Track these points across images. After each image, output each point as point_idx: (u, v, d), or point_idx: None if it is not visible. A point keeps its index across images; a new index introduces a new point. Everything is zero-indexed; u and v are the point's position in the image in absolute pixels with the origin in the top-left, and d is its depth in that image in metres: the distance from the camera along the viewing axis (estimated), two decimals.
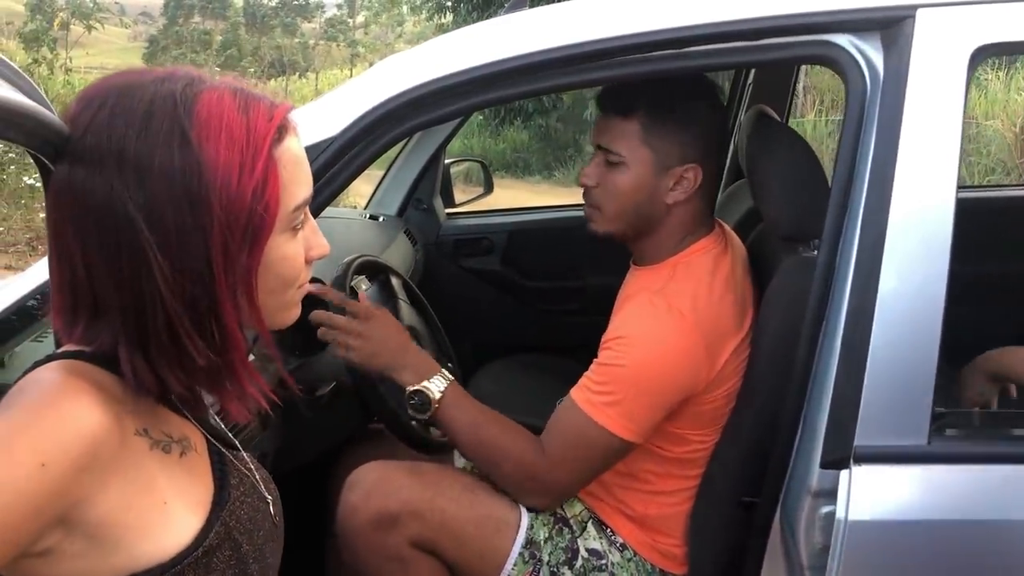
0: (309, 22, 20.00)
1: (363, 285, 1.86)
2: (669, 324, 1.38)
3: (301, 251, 0.84)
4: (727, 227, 1.58)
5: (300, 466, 1.61)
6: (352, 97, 1.36)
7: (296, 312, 0.87)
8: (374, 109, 1.32)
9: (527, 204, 3.63)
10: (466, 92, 1.33)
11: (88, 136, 0.74)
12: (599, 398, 1.38)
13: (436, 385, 1.43)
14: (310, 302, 1.63)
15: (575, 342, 1.84)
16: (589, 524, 1.54)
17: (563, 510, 1.55)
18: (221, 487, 0.85)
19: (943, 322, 1.18)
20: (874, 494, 1.17)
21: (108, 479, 0.73)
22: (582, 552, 1.50)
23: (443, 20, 12.37)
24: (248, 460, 0.94)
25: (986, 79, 7.40)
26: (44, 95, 0.84)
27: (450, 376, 1.46)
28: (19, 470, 0.67)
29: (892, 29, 1.22)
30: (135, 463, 0.76)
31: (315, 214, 1.35)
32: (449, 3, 11.38)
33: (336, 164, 1.31)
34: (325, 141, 1.31)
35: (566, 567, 1.49)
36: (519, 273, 2.72)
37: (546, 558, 1.49)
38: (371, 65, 1.52)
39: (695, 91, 1.45)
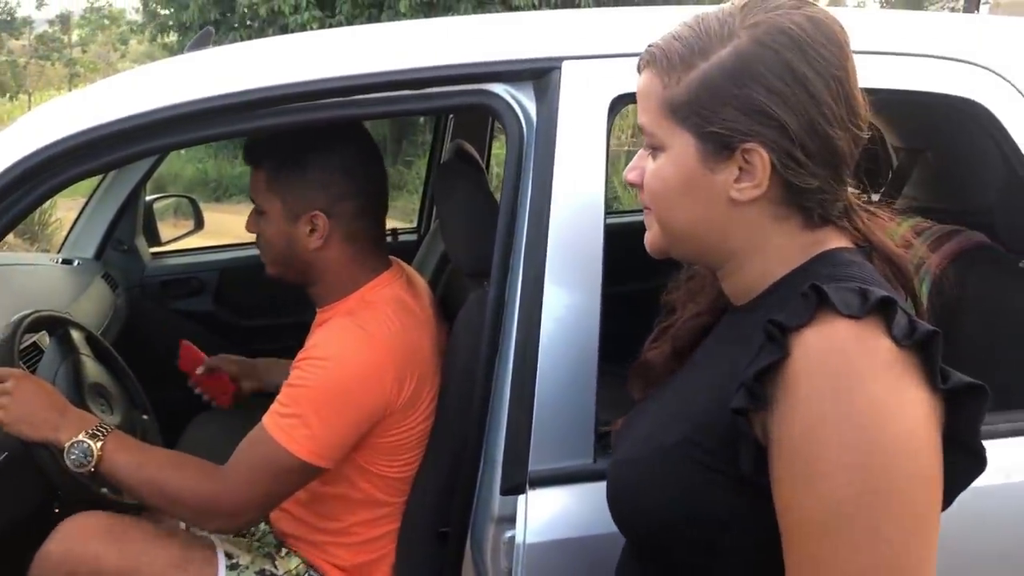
0: (17, 39, 18.25)
1: (46, 339, 1.73)
2: (359, 346, 1.40)
3: None
4: (405, 265, 1.62)
5: None
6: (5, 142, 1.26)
7: None
8: (21, 161, 1.23)
9: None
10: (131, 139, 1.28)
11: None
12: (286, 421, 1.37)
13: (96, 436, 1.37)
14: None
15: None
16: None
17: (275, 567, 1.53)
18: None
19: (600, 348, 1.28)
20: (548, 515, 1.24)
21: None
22: None
23: (168, 39, 11.79)
24: None
25: None
26: None
27: (111, 426, 1.40)
28: None
29: (543, 79, 1.31)
30: None
31: None
32: (172, 23, 10.87)
33: None
34: None
35: None
36: (233, 312, 2.63)
37: None
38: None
39: (319, 142, 1.48)
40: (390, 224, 3.57)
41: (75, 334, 1.69)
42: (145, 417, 1.75)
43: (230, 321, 2.63)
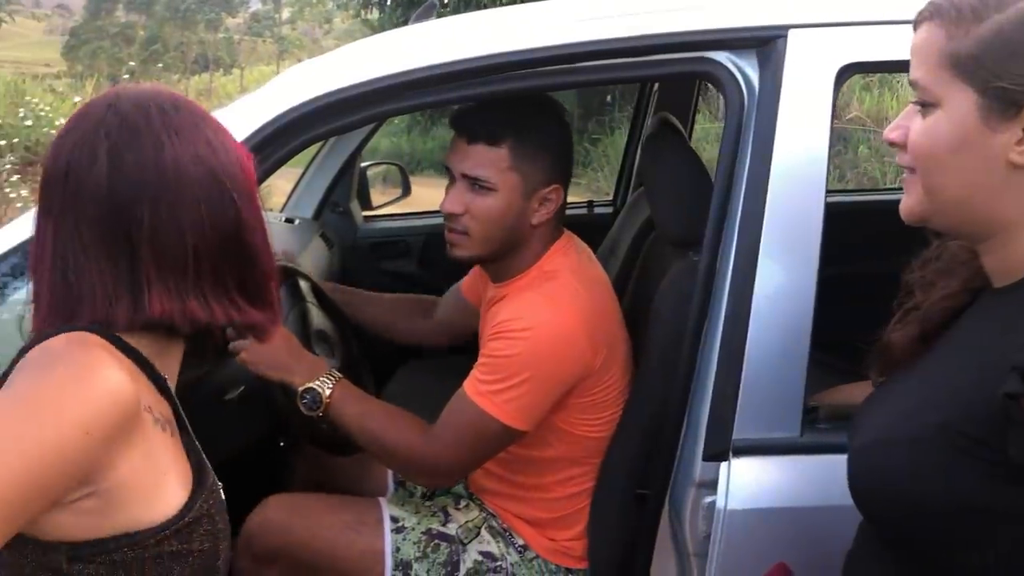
0: (233, 17, 19.63)
1: None
2: (552, 315, 1.44)
3: None
4: (571, 233, 1.64)
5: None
6: (255, 105, 1.39)
7: None
8: (278, 118, 1.35)
9: None
10: (376, 100, 1.36)
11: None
12: (487, 387, 1.44)
13: (325, 383, 1.48)
14: None
15: None
16: (483, 531, 1.60)
17: (444, 525, 1.60)
18: (200, 468, 0.92)
19: (814, 321, 1.26)
20: (750, 484, 1.25)
21: (131, 444, 0.82)
22: (468, 562, 1.56)
23: (370, 16, 12.31)
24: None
25: (899, 83, 7.65)
26: None
27: (339, 375, 1.51)
28: (66, 436, 0.76)
29: (767, 47, 1.31)
30: (146, 434, 0.84)
31: None
32: (376, 0, 11.33)
33: None
34: None
35: None
36: (436, 275, 2.75)
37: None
38: (299, 61, 1.54)
39: (549, 115, 1.52)
40: (584, 197, 3.63)
41: (302, 284, 1.83)
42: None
43: (432, 282, 2.75)
